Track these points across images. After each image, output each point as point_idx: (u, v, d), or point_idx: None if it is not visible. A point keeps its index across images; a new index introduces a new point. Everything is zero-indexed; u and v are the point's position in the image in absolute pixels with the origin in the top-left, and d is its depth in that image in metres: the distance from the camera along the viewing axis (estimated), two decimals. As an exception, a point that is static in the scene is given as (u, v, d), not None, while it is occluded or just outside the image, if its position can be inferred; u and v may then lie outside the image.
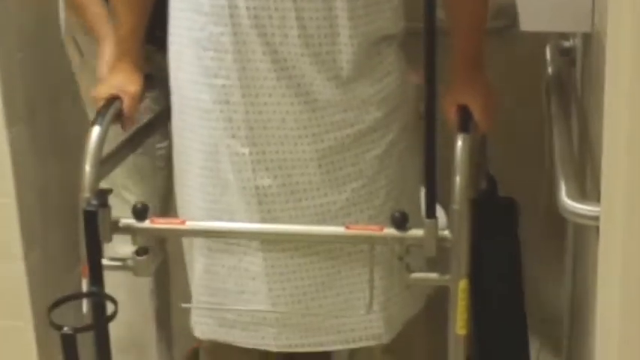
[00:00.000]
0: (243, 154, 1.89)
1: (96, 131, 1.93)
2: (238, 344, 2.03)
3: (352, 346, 2.02)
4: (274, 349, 2.02)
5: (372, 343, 2.00)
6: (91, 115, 2.12)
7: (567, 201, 1.45)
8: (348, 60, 1.85)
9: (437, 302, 2.12)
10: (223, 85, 1.87)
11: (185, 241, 2.08)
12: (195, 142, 1.94)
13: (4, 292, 2.40)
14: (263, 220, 1.91)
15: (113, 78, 2.05)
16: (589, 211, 1.41)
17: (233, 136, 1.89)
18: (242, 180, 1.91)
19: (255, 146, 1.88)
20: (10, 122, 2.32)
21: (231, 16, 1.82)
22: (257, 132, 1.87)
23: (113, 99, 2.01)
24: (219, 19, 1.83)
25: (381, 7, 1.88)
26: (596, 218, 1.35)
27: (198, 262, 2.02)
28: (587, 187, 1.70)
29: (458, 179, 1.78)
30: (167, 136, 2.16)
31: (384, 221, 1.84)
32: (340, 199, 1.91)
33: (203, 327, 2.05)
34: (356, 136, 1.89)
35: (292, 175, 1.89)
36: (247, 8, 1.81)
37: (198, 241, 2.01)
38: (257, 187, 1.90)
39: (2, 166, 2.32)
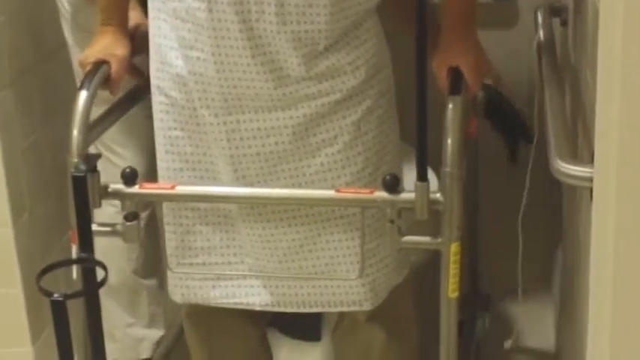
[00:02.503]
0: (218, 123, 1.89)
1: (83, 96, 1.91)
2: (221, 305, 2.03)
3: (334, 309, 2.02)
4: (258, 308, 2.01)
5: (353, 308, 1.99)
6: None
7: (560, 162, 1.44)
8: (327, 36, 1.83)
9: (422, 269, 2.13)
10: (198, 58, 1.86)
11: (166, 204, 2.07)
12: (174, 107, 1.94)
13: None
14: (238, 186, 1.91)
15: (100, 42, 2.04)
16: (581, 172, 1.40)
17: (207, 107, 1.89)
18: (218, 148, 1.91)
19: (229, 116, 1.88)
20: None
21: None
22: (231, 103, 1.87)
23: (101, 63, 1.99)
24: None
25: None
26: (589, 179, 1.34)
27: (179, 225, 2.01)
28: (579, 149, 1.69)
29: (449, 142, 1.76)
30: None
31: (364, 187, 1.84)
32: (314, 164, 1.90)
33: (183, 290, 2.05)
34: (331, 104, 1.88)
35: (266, 144, 1.89)
36: None
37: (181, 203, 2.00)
38: (232, 156, 1.90)
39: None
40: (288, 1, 1.79)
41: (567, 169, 1.43)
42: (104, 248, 1.81)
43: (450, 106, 1.80)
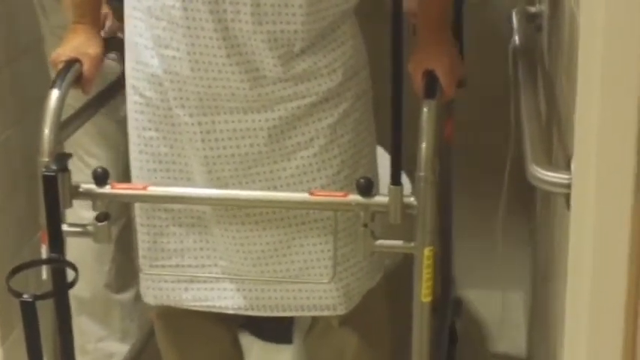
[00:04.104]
0: (192, 124, 1.88)
1: (55, 94, 1.90)
2: (193, 307, 2.01)
3: (307, 314, 2.01)
4: (230, 312, 2.00)
5: (326, 313, 1.98)
6: None
7: (535, 168, 1.44)
8: (303, 38, 1.82)
9: (395, 273, 2.13)
10: (173, 57, 1.84)
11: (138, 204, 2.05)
12: (149, 106, 1.92)
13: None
14: (212, 188, 1.90)
15: (72, 41, 2.02)
16: (557, 178, 1.39)
17: (182, 106, 1.87)
18: (192, 149, 1.90)
19: (204, 116, 1.87)
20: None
21: None
22: (206, 103, 1.86)
23: (73, 62, 1.97)
24: None
25: None
26: (565, 185, 1.34)
27: (152, 226, 1.99)
28: (555, 155, 1.69)
29: (424, 146, 1.76)
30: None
31: (340, 190, 1.84)
32: (290, 167, 1.89)
33: (155, 292, 2.03)
34: (307, 107, 1.87)
35: (241, 146, 1.88)
36: None
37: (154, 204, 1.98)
38: (206, 157, 1.89)
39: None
40: (264, 1, 1.78)
41: (543, 174, 1.42)
42: (75, 261, 1.79)
43: (425, 109, 1.80)
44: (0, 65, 2.45)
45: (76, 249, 2.18)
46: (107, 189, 1.84)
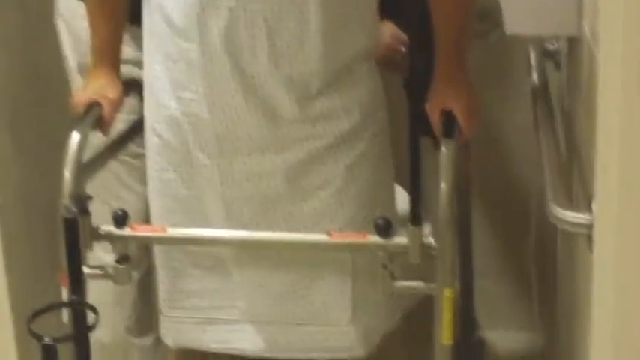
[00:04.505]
0: (211, 165, 1.88)
1: (75, 137, 1.91)
2: (212, 349, 2.01)
3: (327, 356, 1.99)
4: (249, 354, 2.00)
5: (345, 355, 1.97)
6: None
7: (556, 208, 1.43)
8: (320, 79, 1.83)
9: (415, 315, 2.11)
10: (191, 99, 1.86)
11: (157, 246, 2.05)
12: (167, 148, 1.93)
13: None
14: (230, 229, 1.90)
15: (92, 84, 2.03)
16: (578, 218, 1.38)
17: (201, 148, 1.88)
18: (210, 190, 1.90)
19: (222, 158, 1.88)
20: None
21: (200, 33, 1.80)
22: (225, 145, 1.87)
23: (93, 105, 1.98)
24: (188, 35, 1.81)
25: (355, 27, 1.85)
26: (586, 226, 1.33)
27: (171, 267, 1.99)
28: (575, 193, 1.68)
29: (443, 186, 1.75)
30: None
31: (358, 231, 1.83)
32: (308, 207, 1.89)
33: (174, 334, 2.03)
34: (324, 148, 1.88)
35: (259, 187, 1.88)
36: (217, 27, 1.78)
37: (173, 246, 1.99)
38: (224, 198, 1.89)
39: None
40: (280, 43, 1.79)
41: (564, 215, 1.42)
42: (96, 304, 1.80)
43: (444, 149, 1.79)
44: (24, 106, 2.47)
45: (96, 291, 2.18)
46: (127, 231, 1.85)
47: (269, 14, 1.77)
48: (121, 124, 2.10)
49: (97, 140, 2.02)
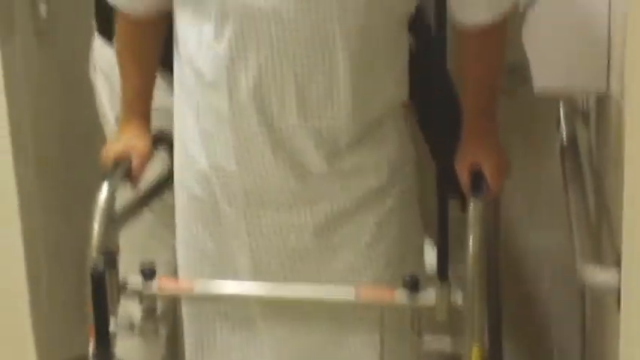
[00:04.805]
0: (239, 219, 1.89)
1: (105, 189, 1.91)
2: None
3: None
4: None
5: None
6: None
7: (585, 268, 1.42)
8: (348, 134, 1.83)
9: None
10: (220, 152, 1.86)
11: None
12: (196, 201, 1.93)
13: (9, 349, 2.37)
14: (258, 283, 1.89)
15: (122, 137, 2.05)
16: (606, 278, 1.37)
17: (229, 201, 1.89)
18: (238, 244, 1.90)
19: (250, 212, 1.88)
20: (20, 178, 2.32)
21: (230, 87, 1.81)
22: (252, 199, 1.87)
23: (122, 157, 1.99)
24: (218, 88, 1.82)
25: (385, 80, 1.85)
26: (615, 286, 1.32)
27: (198, 322, 1.99)
28: (604, 253, 1.67)
29: (471, 244, 1.74)
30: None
31: (386, 287, 1.82)
32: (336, 263, 1.89)
33: None
34: (353, 204, 1.87)
35: (287, 241, 1.88)
36: (247, 80, 1.79)
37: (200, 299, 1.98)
38: (252, 252, 1.89)
39: (11, 220, 2.31)
40: (309, 97, 1.79)
41: (592, 275, 1.41)
42: (124, 357, 1.80)
43: (472, 207, 1.78)
44: (53, 155, 2.49)
45: (125, 344, 2.18)
46: (154, 287, 1.85)
47: (298, 69, 1.77)
48: (151, 175, 2.11)
49: (128, 192, 2.03)
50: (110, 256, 1.84)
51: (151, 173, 2.10)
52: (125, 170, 1.99)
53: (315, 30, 1.75)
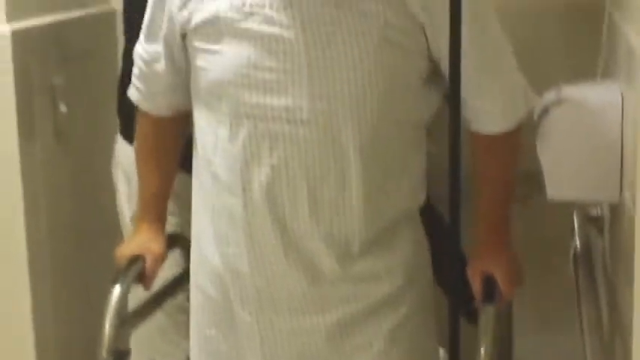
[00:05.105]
0: (252, 322, 1.88)
1: (117, 290, 1.93)
2: None
3: None
4: None
5: None
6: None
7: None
8: (361, 238, 1.83)
9: None
10: (234, 254, 1.87)
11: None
12: (210, 302, 1.93)
13: None
14: None
15: (136, 237, 2.06)
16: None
17: (242, 304, 1.88)
18: (251, 347, 1.89)
19: (263, 315, 1.87)
20: (35, 275, 2.33)
21: (244, 189, 1.82)
22: (265, 302, 1.87)
23: (136, 258, 2.00)
24: (232, 189, 1.83)
25: (399, 185, 1.85)
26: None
27: None
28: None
29: (482, 352, 1.73)
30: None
31: None
32: None
33: None
34: (366, 309, 1.86)
35: (300, 345, 1.87)
36: (260, 183, 1.80)
37: None
38: (264, 355, 1.89)
39: (23, 320, 2.31)
40: (321, 199, 1.79)
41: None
42: None
43: (483, 315, 1.78)
44: (65, 258, 2.50)
45: None
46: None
47: (310, 172, 1.78)
48: (164, 277, 2.11)
49: (141, 293, 2.03)
50: (120, 357, 1.84)
51: (164, 274, 2.11)
52: (138, 271, 2.00)
53: (327, 131, 1.76)
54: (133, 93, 2.00)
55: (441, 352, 2.03)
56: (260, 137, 1.78)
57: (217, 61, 1.80)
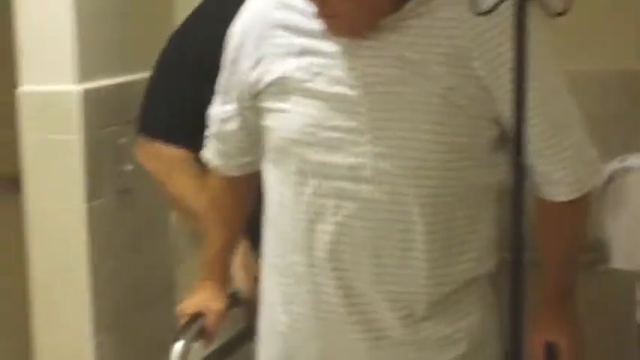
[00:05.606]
0: None
1: (178, 347, 1.94)
2: None
3: None
4: None
5: None
6: None
7: None
8: (425, 302, 1.80)
9: None
10: (299, 314, 1.86)
11: None
12: None
13: None
14: None
15: (198, 295, 2.08)
16: None
17: None
18: None
19: None
20: (97, 331, 2.35)
21: (309, 247, 1.82)
22: None
23: (197, 315, 2.01)
24: (297, 247, 1.83)
25: (465, 251, 1.82)
26: None
27: None
28: None
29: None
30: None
31: None
32: None
33: None
34: None
35: None
36: (324, 241, 1.80)
37: None
38: None
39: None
40: (385, 260, 1.78)
41: None
42: None
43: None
44: (128, 310, 2.52)
45: None
46: None
47: (374, 232, 1.77)
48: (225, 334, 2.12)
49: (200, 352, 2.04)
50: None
51: (224, 333, 2.12)
52: (199, 328, 2.01)
53: (390, 192, 1.76)
54: (205, 151, 2.03)
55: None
56: (324, 195, 1.79)
57: (284, 121, 1.82)
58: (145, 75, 2.40)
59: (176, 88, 2.33)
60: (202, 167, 2.15)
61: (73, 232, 2.40)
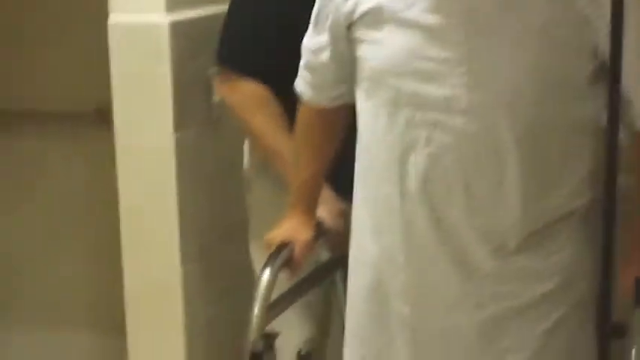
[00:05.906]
0: (405, 313, 1.87)
1: (266, 275, 1.95)
2: None
3: None
4: None
5: None
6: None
7: None
8: (517, 236, 1.80)
9: None
10: (390, 245, 1.86)
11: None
12: (365, 291, 1.93)
13: None
14: None
15: (286, 224, 2.08)
16: None
17: (395, 295, 1.88)
18: (403, 343, 1.88)
19: (416, 309, 1.86)
20: (185, 260, 2.39)
21: (401, 177, 1.82)
22: (419, 297, 1.86)
23: (284, 245, 2.03)
24: (389, 178, 1.84)
25: (560, 185, 1.81)
26: None
27: None
28: None
29: (634, 353, 1.69)
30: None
31: None
32: None
33: None
34: (520, 308, 1.82)
35: (451, 343, 1.85)
36: (417, 172, 1.80)
37: None
38: (415, 347, 1.87)
39: (174, 305, 2.38)
40: (477, 192, 1.78)
41: None
42: None
43: (637, 316, 1.74)
44: (211, 240, 2.55)
45: None
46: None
47: (467, 163, 1.77)
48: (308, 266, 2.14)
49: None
50: (269, 339, 1.87)
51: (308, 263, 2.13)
52: (286, 257, 2.03)
53: (485, 123, 1.75)
54: (298, 83, 2.03)
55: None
56: (417, 126, 1.78)
57: (378, 51, 1.82)
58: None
59: (255, 15, 2.28)
60: (283, 105, 2.17)
61: (161, 162, 2.43)
